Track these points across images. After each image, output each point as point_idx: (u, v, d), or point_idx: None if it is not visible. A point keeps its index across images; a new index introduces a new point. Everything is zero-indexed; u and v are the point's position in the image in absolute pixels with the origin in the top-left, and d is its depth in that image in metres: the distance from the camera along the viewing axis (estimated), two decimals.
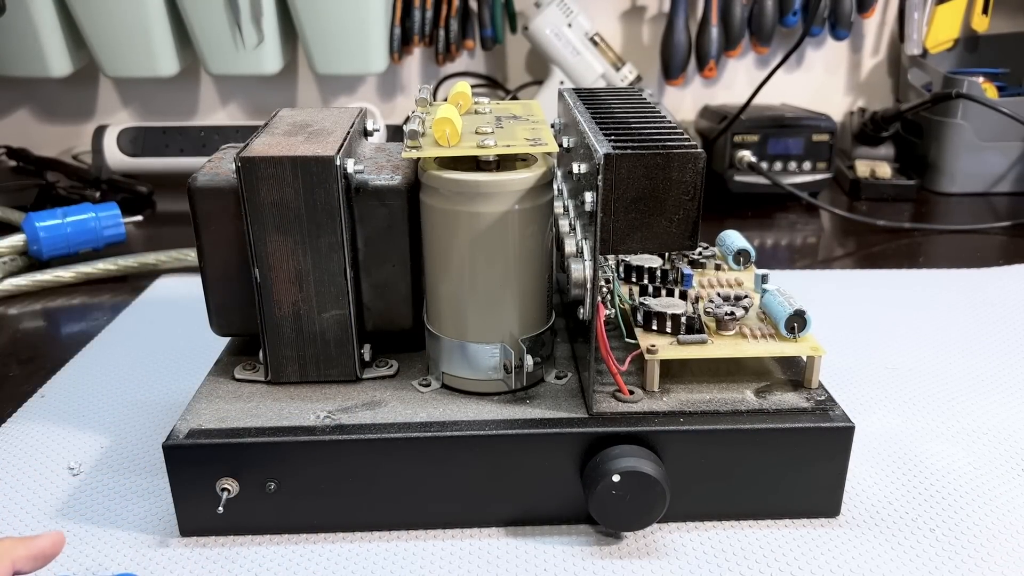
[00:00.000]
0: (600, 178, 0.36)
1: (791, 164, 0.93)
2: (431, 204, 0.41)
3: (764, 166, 0.92)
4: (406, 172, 0.43)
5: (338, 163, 0.40)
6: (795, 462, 0.40)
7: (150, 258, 0.75)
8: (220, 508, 0.39)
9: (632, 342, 0.43)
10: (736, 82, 1.12)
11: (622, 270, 0.49)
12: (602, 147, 0.37)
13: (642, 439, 0.40)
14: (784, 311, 0.42)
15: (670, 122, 0.41)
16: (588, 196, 0.38)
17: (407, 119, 0.42)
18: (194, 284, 0.70)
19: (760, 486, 0.41)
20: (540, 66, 1.10)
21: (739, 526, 0.41)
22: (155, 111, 1.12)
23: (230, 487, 0.39)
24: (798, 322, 0.42)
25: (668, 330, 0.43)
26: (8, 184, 0.95)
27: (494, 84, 1.11)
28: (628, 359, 0.42)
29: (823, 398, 0.42)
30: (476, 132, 0.41)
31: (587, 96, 0.48)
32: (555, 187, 0.44)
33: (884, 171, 0.96)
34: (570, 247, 0.43)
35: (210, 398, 0.43)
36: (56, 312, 0.69)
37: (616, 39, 1.09)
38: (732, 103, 1.01)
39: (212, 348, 0.49)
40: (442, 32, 1.02)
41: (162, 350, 0.60)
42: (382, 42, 0.99)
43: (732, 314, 0.43)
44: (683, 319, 0.42)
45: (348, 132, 0.44)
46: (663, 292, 0.46)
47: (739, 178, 0.93)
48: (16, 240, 0.74)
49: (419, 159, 0.42)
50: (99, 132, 1.00)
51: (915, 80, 1.02)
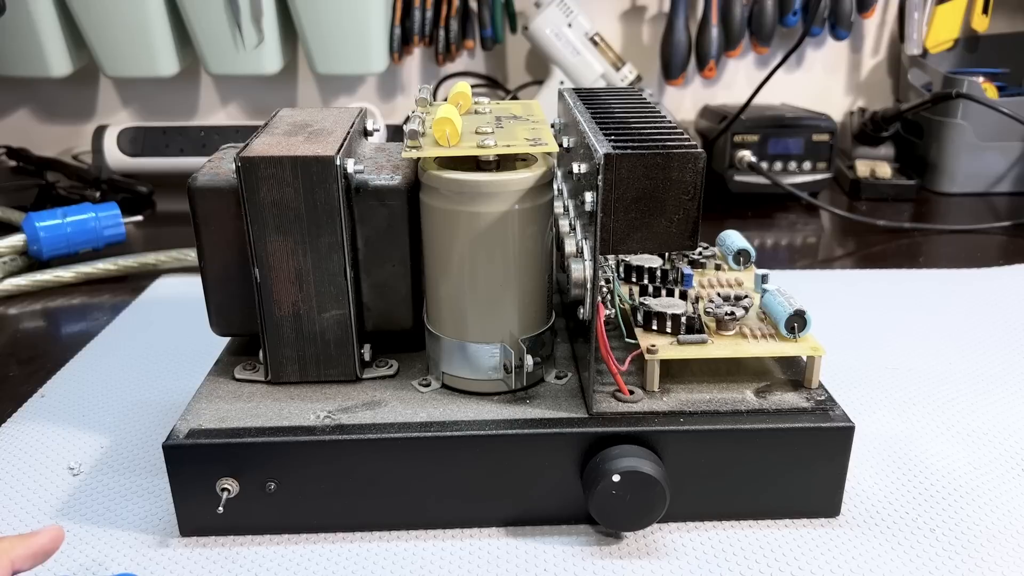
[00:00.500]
0: (600, 178, 0.36)
1: (791, 164, 0.93)
2: (431, 204, 0.41)
3: (764, 166, 0.92)
4: (406, 172, 0.43)
5: (338, 163, 0.40)
6: (795, 462, 0.40)
7: (150, 258, 0.75)
8: (220, 508, 0.39)
9: (632, 342, 0.43)
10: (736, 82, 1.12)
11: (622, 270, 0.49)
12: (602, 147, 0.37)
13: (642, 439, 0.40)
14: (784, 311, 0.42)
15: (670, 122, 0.41)
16: (588, 196, 0.38)
17: (407, 119, 0.42)
18: (194, 284, 0.70)
19: (760, 486, 0.41)
20: (540, 66, 1.10)
21: (739, 526, 0.41)
22: (155, 111, 1.12)
23: (230, 487, 0.39)
24: (798, 322, 0.42)
25: (668, 330, 0.43)
26: (8, 184, 0.95)
27: (494, 84, 1.11)
28: (628, 359, 0.42)
29: (823, 398, 0.42)
30: (476, 132, 0.41)
31: (587, 96, 0.48)
32: (555, 187, 0.44)
33: (884, 171, 0.96)
34: (570, 247, 0.43)
35: (210, 398, 0.43)
36: (56, 312, 0.69)
37: (616, 39, 1.09)
38: (732, 103, 1.01)
39: (212, 348, 0.49)
40: (442, 32, 1.02)
41: (162, 350, 0.60)
42: (382, 42, 0.99)
43: (732, 314, 0.43)
44: (683, 319, 0.42)
45: (348, 132, 0.44)
46: (663, 292, 0.46)
47: (739, 178, 0.93)
48: (16, 240, 0.74)
49: (419, 159, 0.42)
50: (99, 132, 1.00)
51: (915, 80, 1.02)
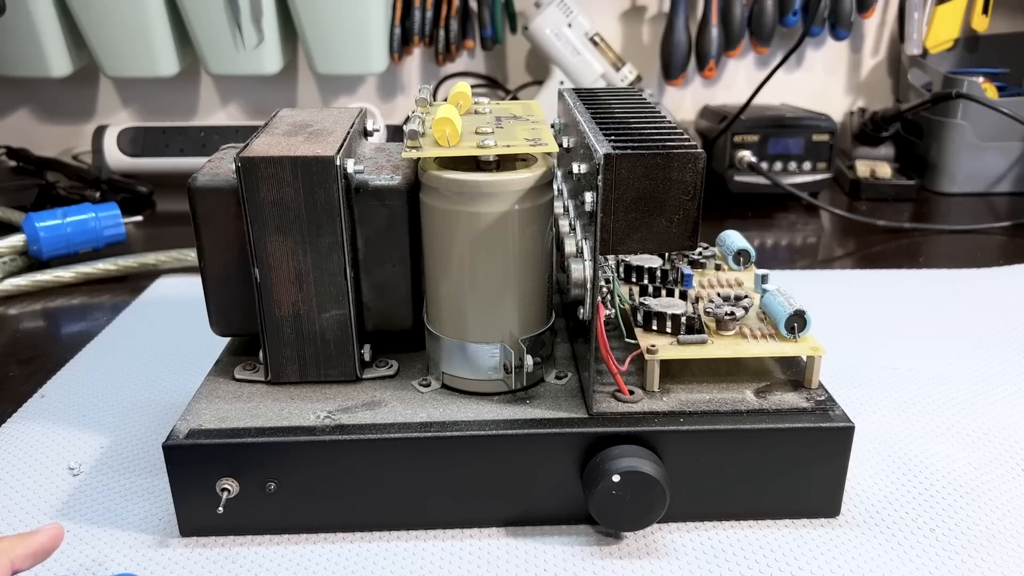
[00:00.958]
0: (600, 178, 0.36)
1: (791, 164, 0.93)
2: (431, 204, 0.41)
3: (764, 166, 0.92)
4: (406, 172, 0.43)
5: (338, 163, 0.40)
6: (795, 462, 0.40)
7: (150, 258, 0.75)
8: (220, 508, 0.39)
9: (632, 342, 0.43)
10: (736, 82, 1.12)
11: (622, 270, 0.49)
12: (602, 147, 0.37)
13: (642, 439, 0.40)
14: (784, 311, 0.42)
15: (670, 122, 0.41)
16: (588, 196, 0.38)
17: (407, 119, 0.42)
18: (194, 284, 0.70)
19: (760, 486, 0.41)
20: (540, 66, 1.10)
21: (739, 526, 0.41)
22: (155, 111, 1.12)
23: (230, 487, 0.39)
24: (798, 322, 0.42)
25: (668, 330, 0.43)
26: (8, 184, 0.95)
27: (494, 84, 1.11)
28: (628, 359, 0.42)
29: (823, 398, 0.42)
30: (476, 132, 0.41)
31: (587, 96, 0.48)
32: (555, 187, 0.44)
33: (884, 171, 0.96)
34: (570, 247, 0.43)
35: (210, 398, 0.43)
36: (56, 312, 0.69)
37: (616, 39, 1.09)
38: (732, 103, 1.01)
39: (212, 348, 0.49)
40: (442, 32, 1.02)
41: (162, 350, 0.60)
42: (382, 42, 0.99)
43: (732, 314, 0.43)
44: (683, 319, 0.42)
45: (348, 132, 0.44)
46: (663, 292, 0.46)
47: (739, 178, 0.93)
48: (16, 240, 0.74)
49: (419, 159, 0.42)
50: (99, 132, 1.00)
51: (915, 80, 1.02)
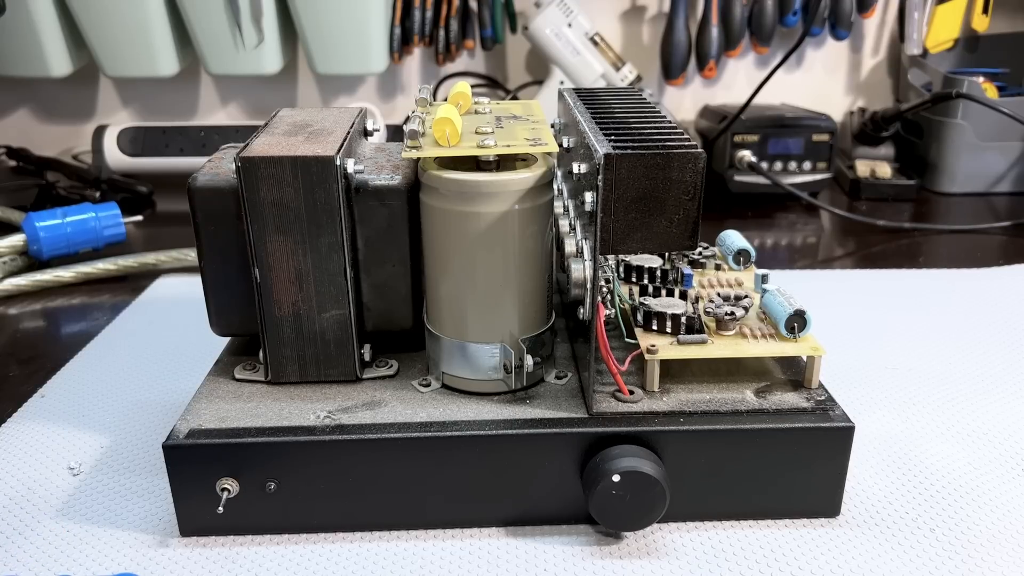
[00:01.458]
0: (600, 178, 0.36)
1: (791, 164, 0.93)
2: (431, 204, 0.41)
3: (764, 166, 0.92)
4: (406, 172, 0.43)
5: (338, 163, 0.40)
6: (795, 462, 0.40)
7: (150, 258, 0.75)
8: (220, 508, 0.39)
9: (632, 342, 0.43)
10: (736, 82, 1.12)
11: (622, 270, 0.49)
12: (602, 147, 0.37)
13: (642, 439, 0.40)
14: (784, 311, 0.42)
15: (670, 122, 0.41)
16: (588, 196, 0.38)
17: (407, 119, 0.42)
18: (194, 284, 0.70)
19: (760, 486, 0.41)
20: (540, 66, 1.10)
21: (739, 526, 0.41)
22: (155, 111, 1.12)
23: (230, 487, 0.39)
24: (798, 322, 0.42)
25: (668, 330, 0.43)
26: (8, 184, 0.95)
27: (494, 84, 1.11)
28: (628, 359, 0.42)
29: (823, 398, 0.42)
30: (476, 132, 0.41)
31: (587, 96, 0.48)
32: (555, 187, 0.44)
33: (884, 171, 0.96)
34: (570, 247, 0.43)
35: (210, 398, 0.43)
36: (56, 312, 0.69)
37: (616, 39, 1.09)
38: (732, 103, 1.01)
39: (212, 348, 0.49)
40: (442, 32, 1.02)
41: (162, 350, 0.60)
42: (382, 42, 0.99)
43: (732, 314, 0.43)
44: (683, 319, 0.42)
45: (348, 132, 0.44)
46: (663, 292, 0.46)
47: (739, 178, 0.93)
48: (16, 240, 0.74)
49: (419, 159, 0.42)
50: (99, 132, 1.00)
51: (915, 80, 1.02)
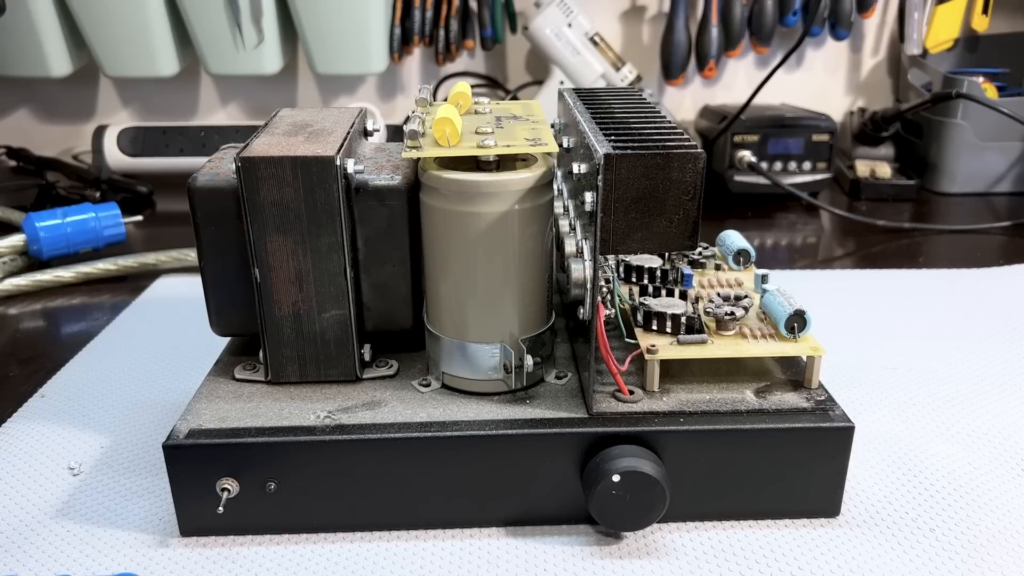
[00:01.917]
0: (600, 178, 0.36)
1: (791, 164, 0.93)
2: (431, 204, 0.41)
3: (764, 166, 0.92)
4: (406, 172, 0.43)
5: (338, 163, 0.40)
6: (795, 462, 0.40)
7: (150, 258, 0.75)
8: (220, 508, 0.39)
9: (632, 342, 0.43)
10: (736, 82, 1.12)
11: (622, 270, 0.49)
12: (602, 147, 0.37)
13: (642, 439, 0.40)
14: (784, 311, 0.42)
15: (670, 122, 0.41)
16: (588, 196, 0.38)
17: (407, 119, 0.42)
18: (194, 284, 0.70)
19: (760, 486, 0.41)
20: (540, 66, 1.10)
21: (739, 526, 0.41)
22: (155, 111, 1.12)
23: (230, 487, 0.39)
24: (798, 322, 0.42)
25: (668, 330, 0.43)
26: (8, 184, 0.95)
27: (494, 84, 1.11)
28: (628, 359, 0.42)
29: (823, 398, 0.42)
30: (476, 132, 0.41)
31: (587, 96, 0.48)
32: (555, 187, 0.44)
33: (884, 171, 0.96)
34: (570, 247, 0.43)
35: (210, 398, 0.43)
36: (56, 312, 0.69)
37: (616, 39, 1.09)
38: (732, 103, 1.01)
39: (212, 348, 0.49)
40: (442, 32, 1.02)
41: (162, 350, 0.60)
42: (382, 42, 0.99)
43: (732, 314, 0.43)
44: (683, 319, 0.42)
45: (348, 132, 0.44)
46: (663, 292, 0.46)
47: (739, 178, 0.93)
48: (16, 240, 0.74)
49: (419, 159, 0.42)
50: (99, 132, 1.00)
51: (915, 80, 1.02)
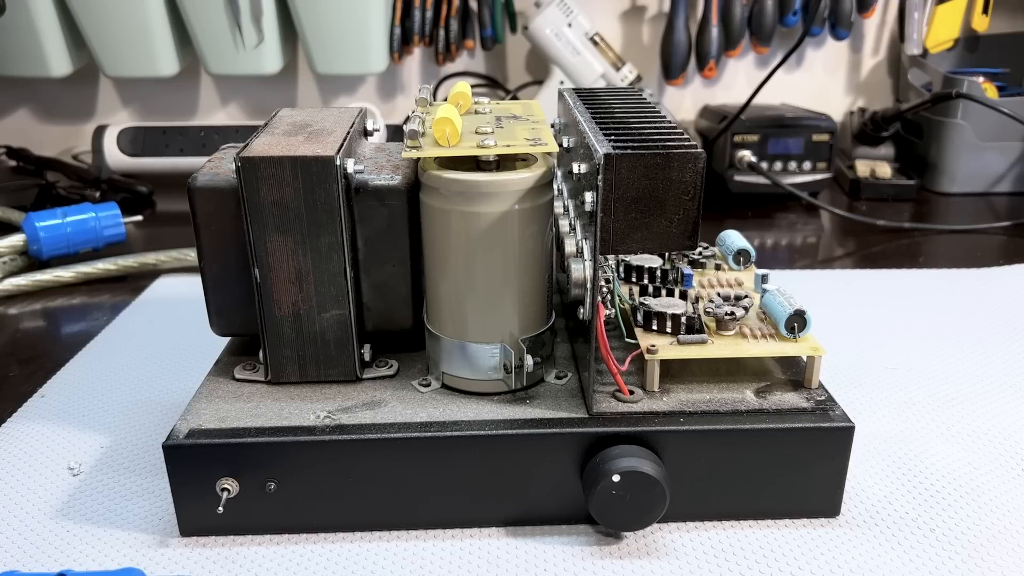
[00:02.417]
0: (600, 178, 0.36)
1: (791, 164, 0.93)
2: (431, 204, 0.41)
3: (764, 166, 0.92)
4: (406, 172, 0.43)
5: (338, 163, 0.40)
6: (795, 462, 0.40)
7: (150, 258, 0.75)
8: (220, 508, 0.39)
9: (632, 342, 0.43)
10: (736, 82, 1.12)
11: (622, 270, 0.49)
12: (602, 147, 0.37)
13: (642, 439, 0.40)
14: (784, 311, 0.42)
15: (670, 122, 0.41)
16: (588, 196, 0.38)
17: (407, 119, 0.42)
18: (194, 284, 0.70)
19: (760, 486, 0.41)
20: (540, 66, 1.10)
21: (739, 526, 0.41)
22: (155, 111, 1.12)
23: (230, 487, 0.39)
24: (798, 322, 0.42)
25: (668, 330, 0.43)
26: (8, 184, 0.95)
27: (494, 84, 1.11)
28: (628, 359, 0.42)
29: (823, 398, 0.42)
30: (476, 132, 0.41)
31: (587, 96, 0.48)
32: (555, 187, 0.44)
33: (884, 171, 0.96)
34: (570, 247, 0.43)
35: (210, 398, 0.43)
36: (56, 312, 0.69)
37: (616, 39, 1.09)
38: (732, 103, 1.01)
39: (212, 348, 0.49)
40: (442, 32, 1.02)
41: (162, 350, 0.60)
42: (382, 42, 0.99)
43: (732, 314, 0.43)
44: (683, 319, 0.42)
45: (348, 132, 0.44)
46: (663, 292, 0.46)
47: (739, 178, 0.93)
48: (16, 240, 0.74)
49: (419, 159, 0.42)
50: (99, 132, 1.00)
51: (915, 80, 1.02)
